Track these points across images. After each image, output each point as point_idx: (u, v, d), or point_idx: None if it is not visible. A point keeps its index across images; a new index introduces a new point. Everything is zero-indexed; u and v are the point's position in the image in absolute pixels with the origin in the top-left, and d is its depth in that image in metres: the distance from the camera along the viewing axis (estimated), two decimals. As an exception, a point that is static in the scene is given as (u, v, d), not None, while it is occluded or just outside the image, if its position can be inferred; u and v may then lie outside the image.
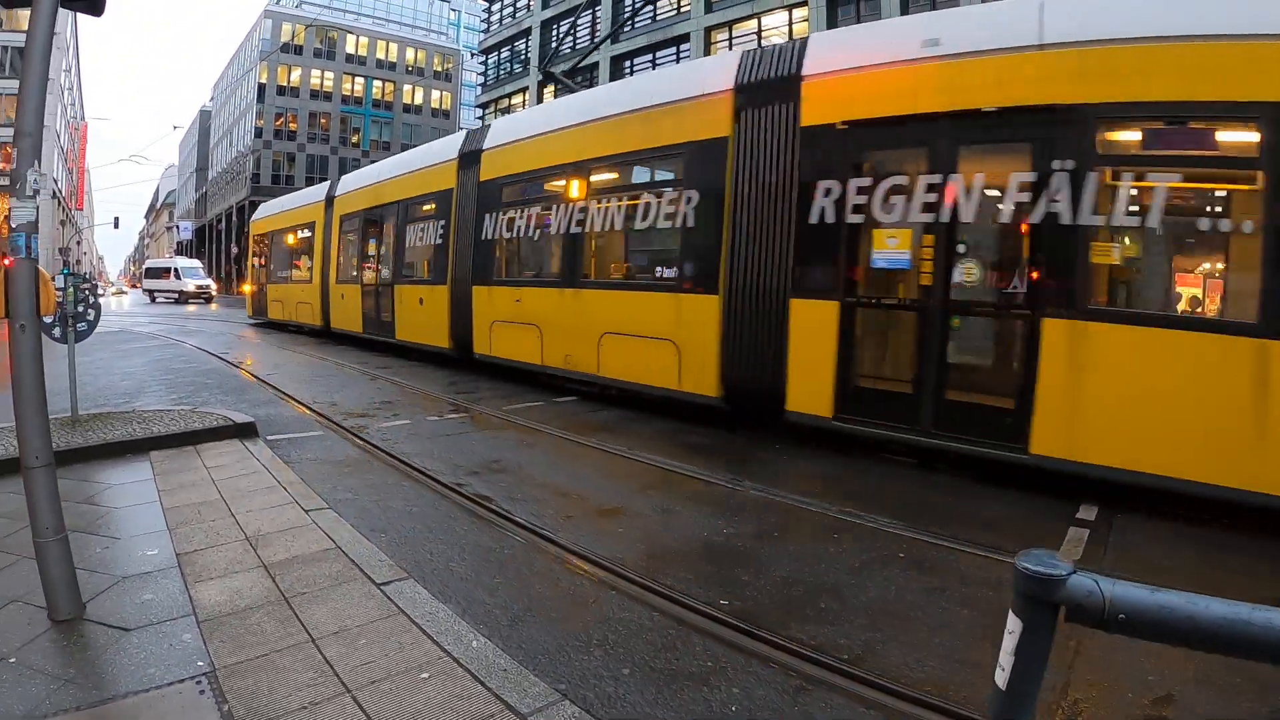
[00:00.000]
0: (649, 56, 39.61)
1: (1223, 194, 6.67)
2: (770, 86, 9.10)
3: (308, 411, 10.56)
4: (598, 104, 11.69)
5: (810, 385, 8.48)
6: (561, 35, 45.43)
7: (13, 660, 3.73)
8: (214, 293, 53.77)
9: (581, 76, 42.97)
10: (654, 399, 10.58)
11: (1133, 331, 6.58)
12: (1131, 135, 6.89)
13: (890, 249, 7.96)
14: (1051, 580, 1.68)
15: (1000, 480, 7.34)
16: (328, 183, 23.11)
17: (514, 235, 12.83)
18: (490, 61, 52.30)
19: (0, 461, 7.11)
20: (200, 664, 3.70)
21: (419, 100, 74.85)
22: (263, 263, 27.67)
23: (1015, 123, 7.20)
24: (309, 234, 22.84)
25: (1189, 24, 6.27)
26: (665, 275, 10.43)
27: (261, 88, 67.11)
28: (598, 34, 42.45)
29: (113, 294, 74.70)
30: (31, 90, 4.23)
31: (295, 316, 23.73)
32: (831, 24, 30.07)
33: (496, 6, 52.12)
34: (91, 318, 9.11)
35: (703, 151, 9.72)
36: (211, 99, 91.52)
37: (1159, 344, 6.40)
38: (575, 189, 11.44)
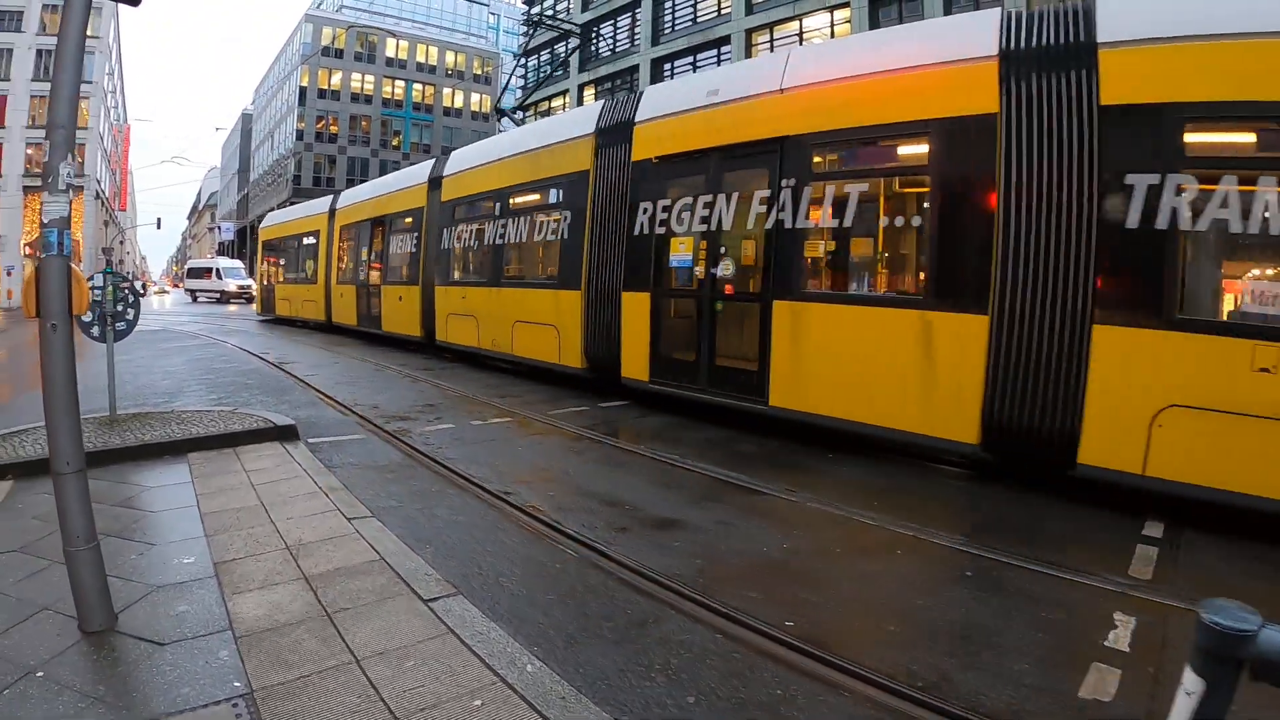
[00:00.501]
0: (689, 59, 39.23)
1: (901, 197, 8.45)
2: (616, 130, 11.57)
3: (350, 414, 10.36)
4: (515, 142, 14.55)
5: (635, 357, 10.92)
6: (599, 39, 45.40)
7: (40, 674, 3.52)
8: (255, 293, 54.15)
9: (621, 80, 42.93)
10: (561, 374, 12.84)
11: (834, 309, 8.51)
12: (834, 154, 8.74)
13: (680, 252, 10.31)
14: (1241, 636, 1.49)
15: (1053, 490, 7.03)
16: (329, 197, 26.00)
17: (462, 246, 15.75)
18: (530, 65, 52.19)
19: (31, 462, 6.92)
20: (237, 684, 3.45)
21: (459, 103, 75.03)
22: (271, 265, 30.80)
23: (759, 151, 9.26)
24: (314, 241, 25.72)
25: (878, 62, 8.23)
26: (551, 276, 12.99)
27: (303, 91, 67.55)
28: (637, 37, 42.29)
29: (155, 293, 75.83)
30: (65, 81, 3.99)
31: (301, 313, 26.83)
32: (874, 25, 29.37)
33: (536, 10, 52.02)
34: (131, 317, 9.00)
35: (574, 181, 12.29)
36: (253, 102, 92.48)
37: (853, 318, 8.35)
38: (498, 209, 14.40)
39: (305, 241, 26.72)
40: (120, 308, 8.81)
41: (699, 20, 38.94)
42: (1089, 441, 6.66)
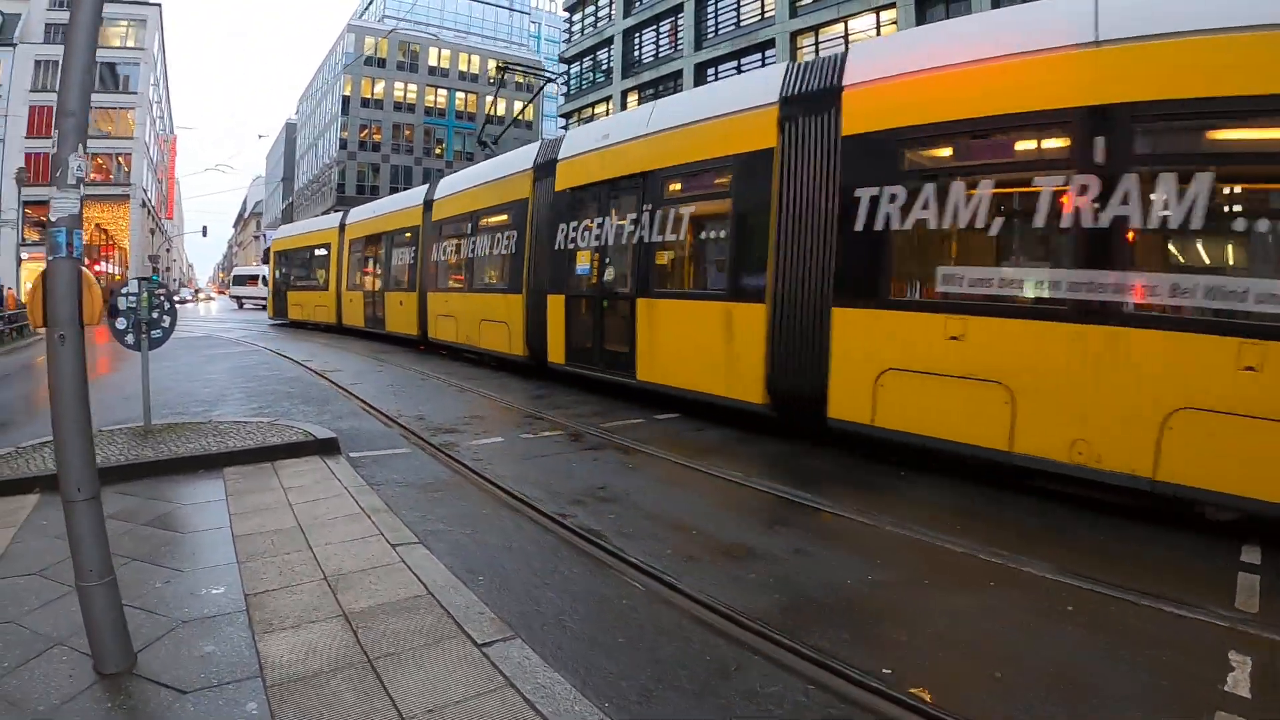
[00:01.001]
0: (733, 64, 38.66)
1: (715, 216, 10.26)
2: (546, 166, 13.99)
3: (394, 425, 9.92)
4: (482, 173, 16.94)
5: (556, 346, 13.15)
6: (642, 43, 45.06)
7: (49, 724, 3.07)
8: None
9: (664, 85, 42.49)
10: (510, 365, 15.37)
11: (672, 303, 10.70)
12: (675, 184, 10.87)
13: (582, 263, 12.58)
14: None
15: (1129, 513, 6.36)
16: (338, 214, 28.91)
17: (445, 258, 18.11)
18: (572, 71, 51.94)
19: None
20: (265, 748, 2.97)
21: (501, 111, 75.07)
22: (283, 274, 33.37)
23: (630, 184, 11.55)
24: (325, 252, 28.47)
25: (709, 109, 10.37)
26: (503, 283, 15.53)
27: (346, 100, 67.89)
28: (680, 42, 41.86)
29: (201, 300, 76.63)
30: (76, 66, 3.58)
31: (314, 317, 29.24)
32: (920, 23, 28.68)
33: (578, 16, 51.76)
34: (167, 325, 8.69)
35: (517, 207, 14.91)
36: (297, 112, 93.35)
37: (683, 309, 10.53)
38: (470, 228, 16.90)
39: (317, 253, 29.44)
40: (156, 315, 8.49)
41: (743, 24, 38.39)
42: (834, 400, 8.37)
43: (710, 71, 39.97)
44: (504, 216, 15.63)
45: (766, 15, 36.78)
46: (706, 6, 40.50)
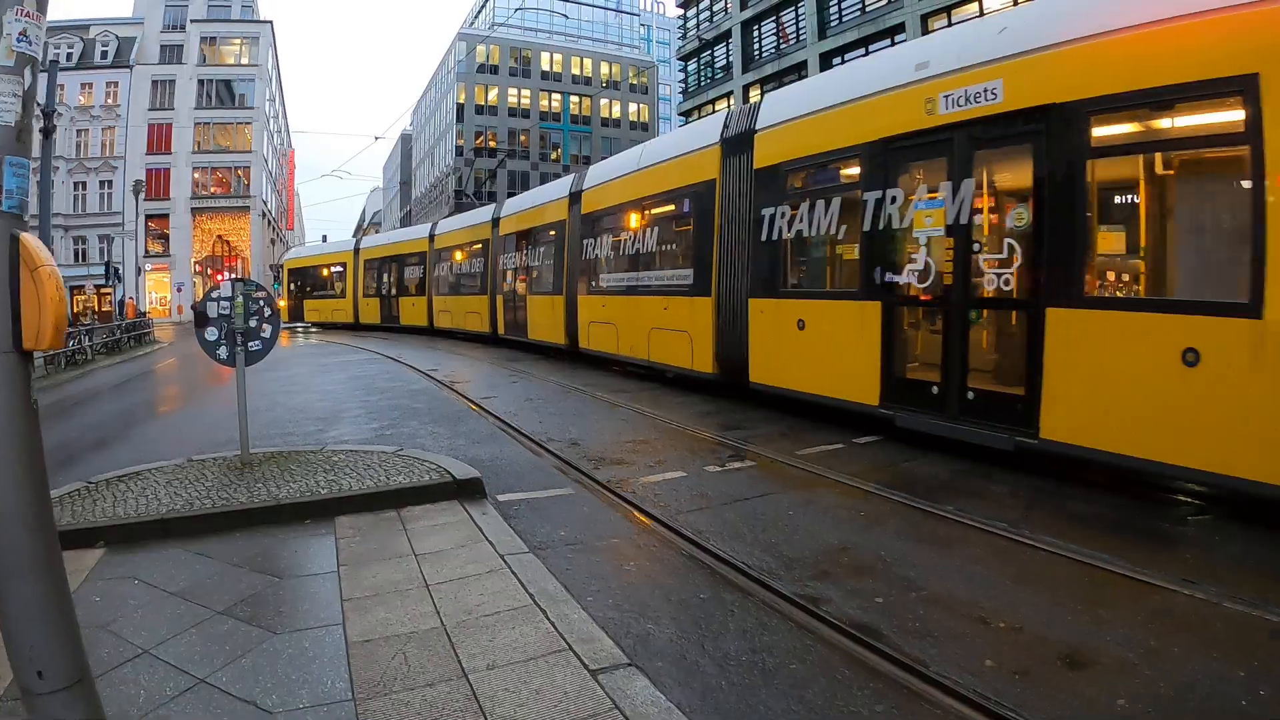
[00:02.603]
0: (861, 51, 36.07)
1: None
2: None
3: (544, 452, 8.02)
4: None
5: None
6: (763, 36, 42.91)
7: None
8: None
9: (788, 78, 40.17)
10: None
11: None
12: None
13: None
14: None
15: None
16: (354, 238, 37.64)
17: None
18: (690, 68, 50.00)
19: (134, 525, 4.92)
20: None
21: (616, 114, 73.77)
22: (297, 288, 39.16)
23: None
24: (342, 269, 35.86)
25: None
26: (479, 287, 23.31)
27: (460, 107, 67.52)
28: (803, 32, 39.53)
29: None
30: None
31: (332, 319, 35.60)
32: None
33: (691, 12, 49.81)
34: (267, 334, 6.94)
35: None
36: (411, 123, 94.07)
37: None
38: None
39: (334, 269, 36.50)
40: (254, 323, 6.80)
41: (868, 9, 35.84)
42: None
43: (836, 60, 37.53)
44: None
45: (893, -1, 34.30)
46: (828, -6, 38.15)
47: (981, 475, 6.94)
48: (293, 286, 39.41)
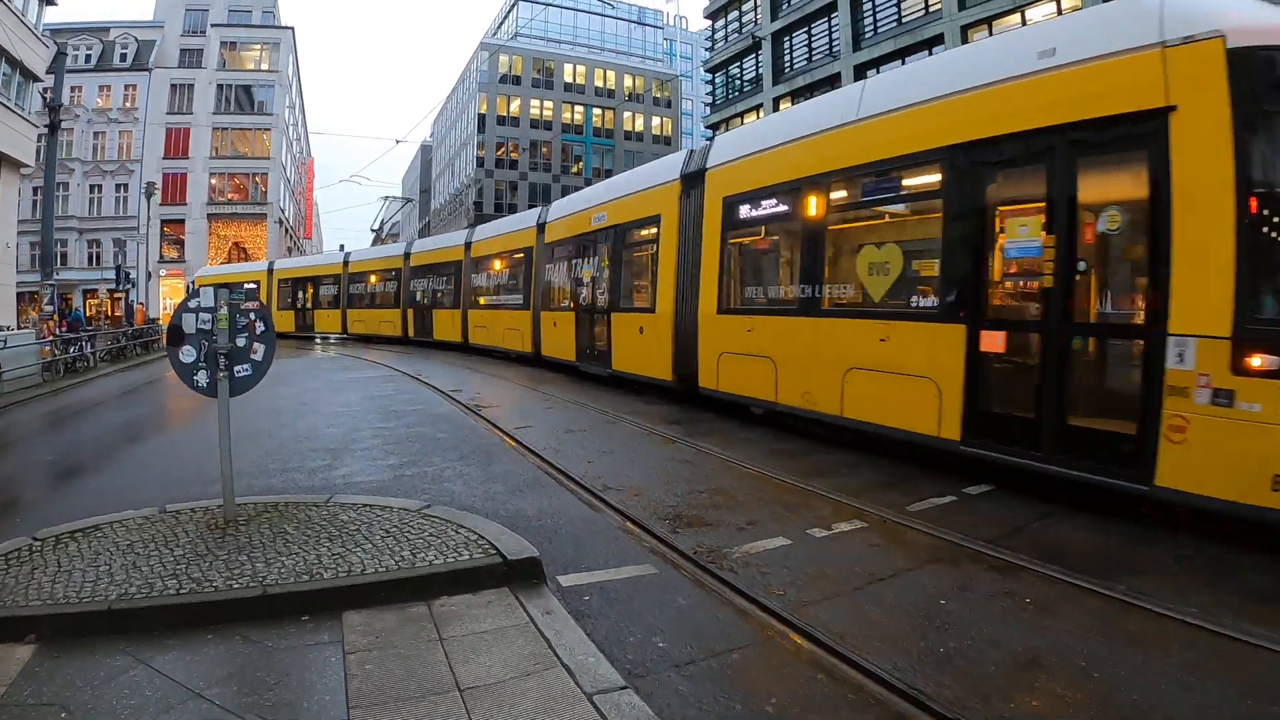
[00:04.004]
0: (897, 63, 34.69)
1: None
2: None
3: (602, 506, 6.48)
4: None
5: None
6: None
7: None
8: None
9: (820, 90, 38.80)
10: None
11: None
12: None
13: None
14: None
15: None
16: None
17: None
18: (718, 80, 48.63)
19: (74, 616, 3.78)
20: None
21: (639, 127, 72.37)
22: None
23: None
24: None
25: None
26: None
27: (482, 118, 66.19)
28: (836, 44, 38.17)
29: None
30: None
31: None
32: None
33: (720, 24, 48.50)
34: (259, 356, 5.44)
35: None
36: (432, 133, 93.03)
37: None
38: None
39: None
40: (242, 342, 5.34)
41: (904, 21, 34.50)
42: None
43: (871, 73, 36.14)
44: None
45: (932, 9, 32.89)
46: (863, 4, 36.78)
47: (1107, 532, 5.58)
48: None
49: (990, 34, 30.53)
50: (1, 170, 25.63)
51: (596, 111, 69.60)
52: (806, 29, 40.63)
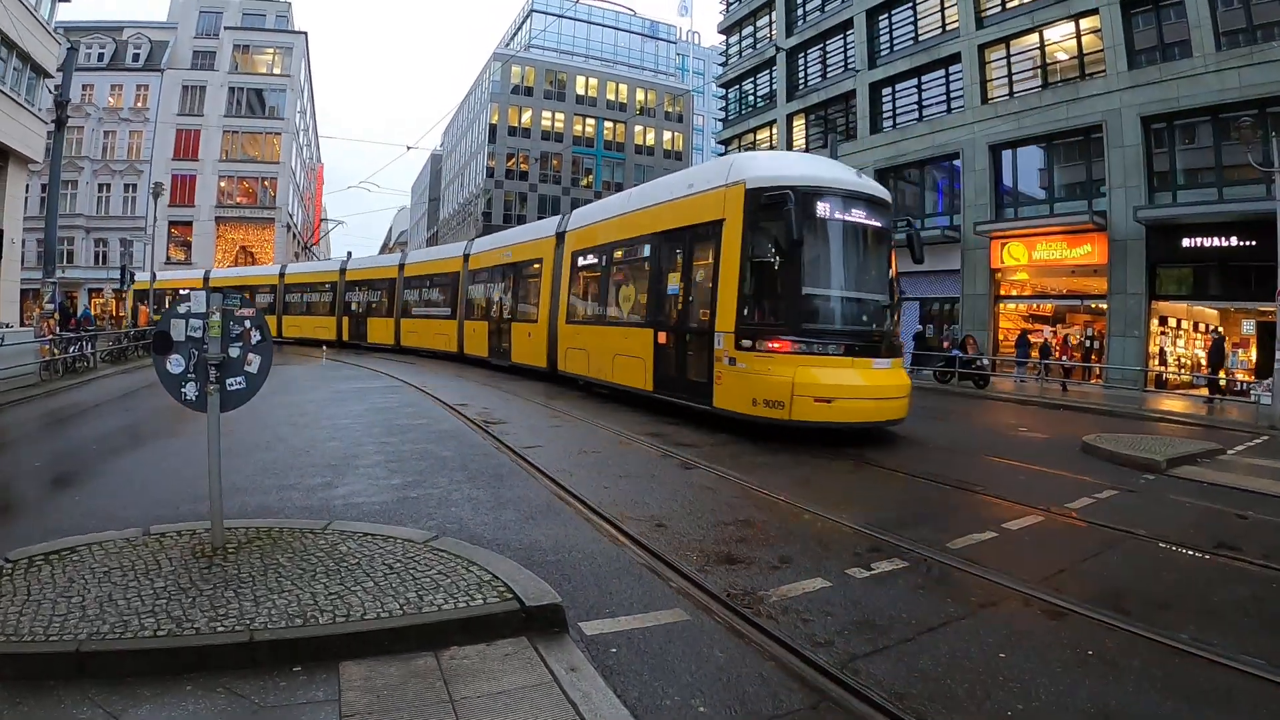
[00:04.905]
0: (913, 81, 34.45)
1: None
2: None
3: (624, 540, 5.95)
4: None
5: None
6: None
7: None
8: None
9: (834, 107, 38.47)
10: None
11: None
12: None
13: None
14: None
15: None
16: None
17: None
18: (731, 96, 48.28)
19: (33, 657, 3.38)
20: None
21: (650, 141, 72.03)
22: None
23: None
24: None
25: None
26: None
27: (493, 128, 65.87)
28: (851, 60, 37.82)
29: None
30: None
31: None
32: (1128, 34, 25.01)
33: (734, 39, 48.20)
34: (254, 368, 4.97)
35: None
36: (442, 143, 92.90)
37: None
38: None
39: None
40: (235, 352, 4.88)
41: (921, 39, 34.11)
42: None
43: (886, 91, 35.86)
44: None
45: (949, 28, 32.48)
46: (879, 21, 36.43)
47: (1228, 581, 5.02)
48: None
49: (1008, 53, 30.35)
50: (9, 166, 25.25)
51: (608, 124, 69.39)
52: (821, 45, 40.29)
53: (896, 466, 9.43)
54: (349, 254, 39.92)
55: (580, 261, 17.31)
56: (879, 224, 11.71)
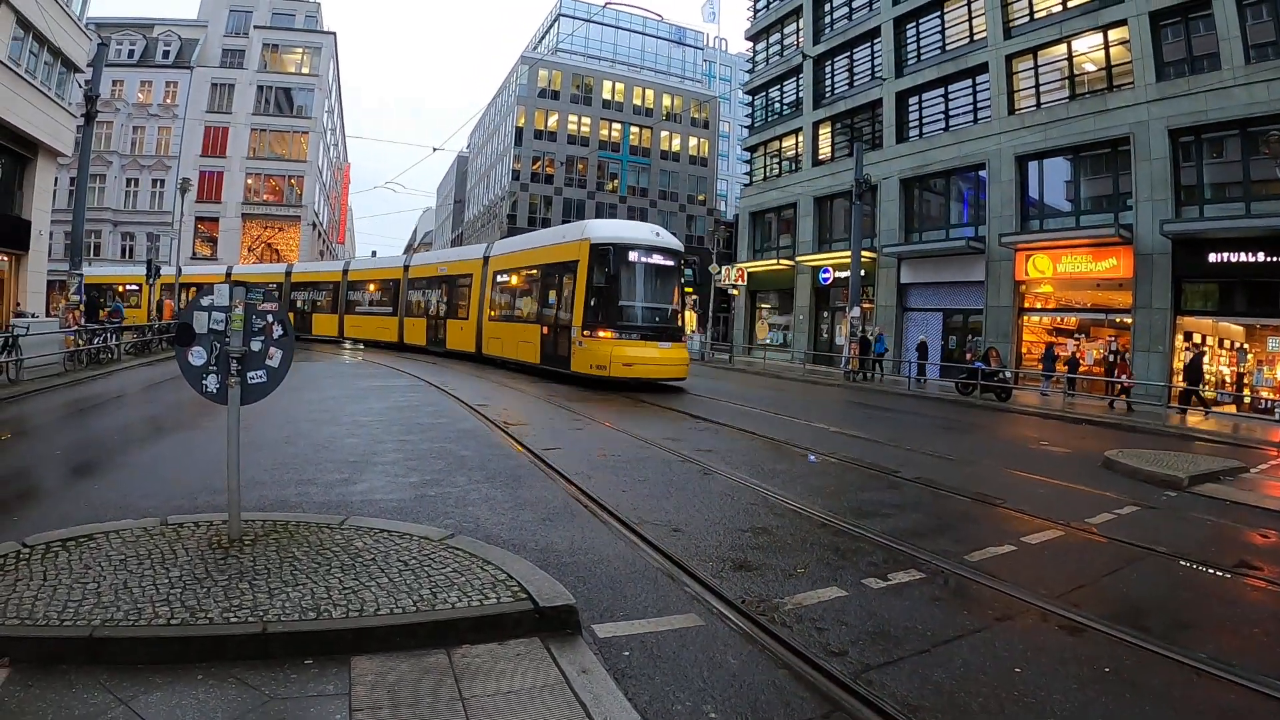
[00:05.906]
0: (939, 90, 34.28)
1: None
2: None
3: (640, 544, 5.93)
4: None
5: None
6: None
7: None
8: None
9: (861, 116, 38.36)
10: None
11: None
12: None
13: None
14: None
15: None
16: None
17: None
18: (757, 102, 48.21)
19: (50, 641, 3.52)
20: None
21: (676, 147, 71.90)
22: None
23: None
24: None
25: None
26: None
27: (519, 131, 65.94)
28: (878, 69, 37.69)
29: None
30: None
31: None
32: (1157, 47, 24.87)
33: (761, 45, 48.14)
34: (275, 363, 5.01)
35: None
36: (468, 145, 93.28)
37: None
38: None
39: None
40: (257, 346, 4.91)
41: (949, 48, 33.93)
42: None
43: (912, 100, 35.70)
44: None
45: (977, 38, 32.31)
46: (906, 30, 36.29)
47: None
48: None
49: (1035, 63, 30.19)
50: (39, 159, 25.56)
51: (634, 129, 69.29)
52: (849, 54, 40.23)
53: (670, 406, 15.50)
54: (350, 256, 43.21)
55: (498, 278, 25.28)
56: (670, 263, 19.64)
